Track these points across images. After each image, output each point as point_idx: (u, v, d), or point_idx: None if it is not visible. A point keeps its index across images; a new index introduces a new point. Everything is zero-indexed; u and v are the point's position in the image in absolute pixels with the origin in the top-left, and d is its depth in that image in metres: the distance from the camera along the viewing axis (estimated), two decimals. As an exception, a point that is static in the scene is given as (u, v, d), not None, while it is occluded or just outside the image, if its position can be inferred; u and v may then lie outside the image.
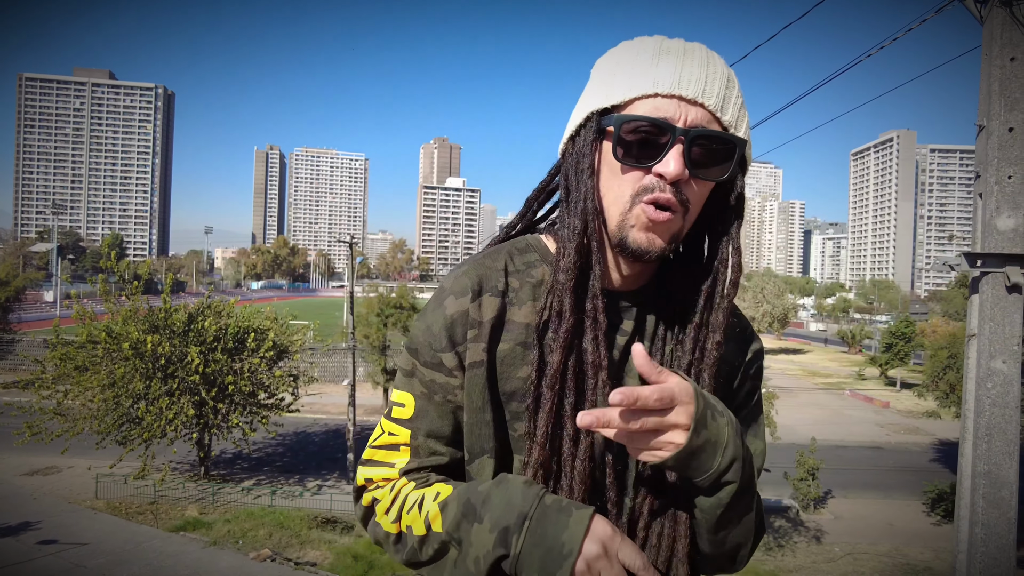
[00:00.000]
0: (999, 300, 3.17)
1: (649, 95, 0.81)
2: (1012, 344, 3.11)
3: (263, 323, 22.64)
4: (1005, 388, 3.10)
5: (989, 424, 3.11)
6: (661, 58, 0.82)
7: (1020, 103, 3.13)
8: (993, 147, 3.17)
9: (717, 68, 0.83)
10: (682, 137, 0.79)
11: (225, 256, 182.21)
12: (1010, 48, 3.12)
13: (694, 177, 0.82)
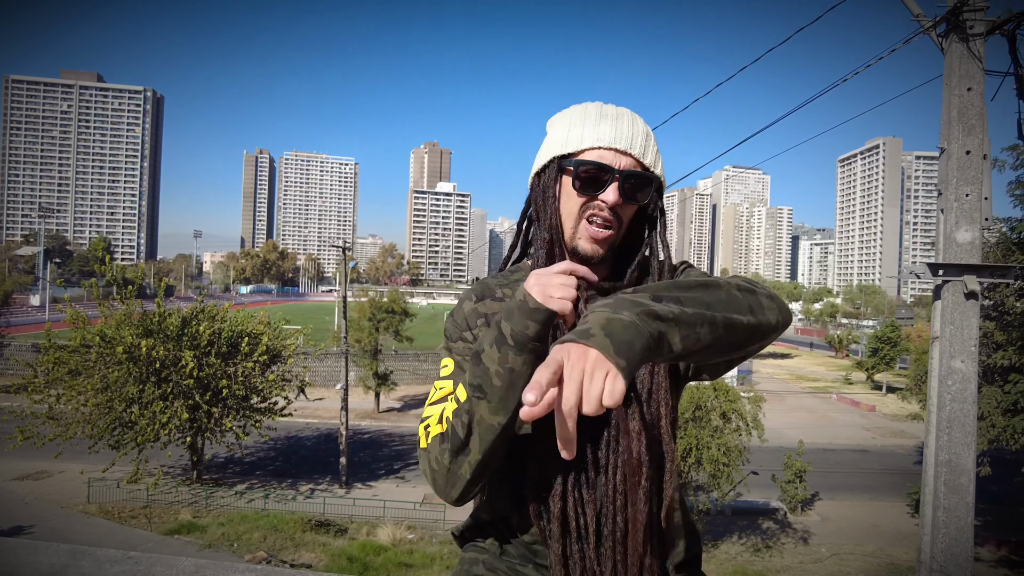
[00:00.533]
0: (958, 306, 3.49)
1: (595, 147, 1.15)
2: (970, 345, 3.43)
3: (256, 327, 22.76)
4: (963, 385, 3.43)
5: (950, 417, 3.43)
6: (602, 120, 1.16)
7: (976, 129, 3.45)
8: (952, 168, 3.50)
9: (639, 128, 1.18)
10: (617, 176, 1.13)
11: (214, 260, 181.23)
12: (967, 79, 3.45)
13: (625, 203, 1.15)
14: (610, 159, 1.13)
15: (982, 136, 3.44)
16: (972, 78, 3.42)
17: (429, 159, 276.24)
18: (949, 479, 3.40)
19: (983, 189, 3.45)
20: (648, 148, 1.17)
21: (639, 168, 1.15)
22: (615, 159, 1.14)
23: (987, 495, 25.04)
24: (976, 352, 3.45)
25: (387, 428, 33.34)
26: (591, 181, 1.13)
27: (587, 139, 1.15)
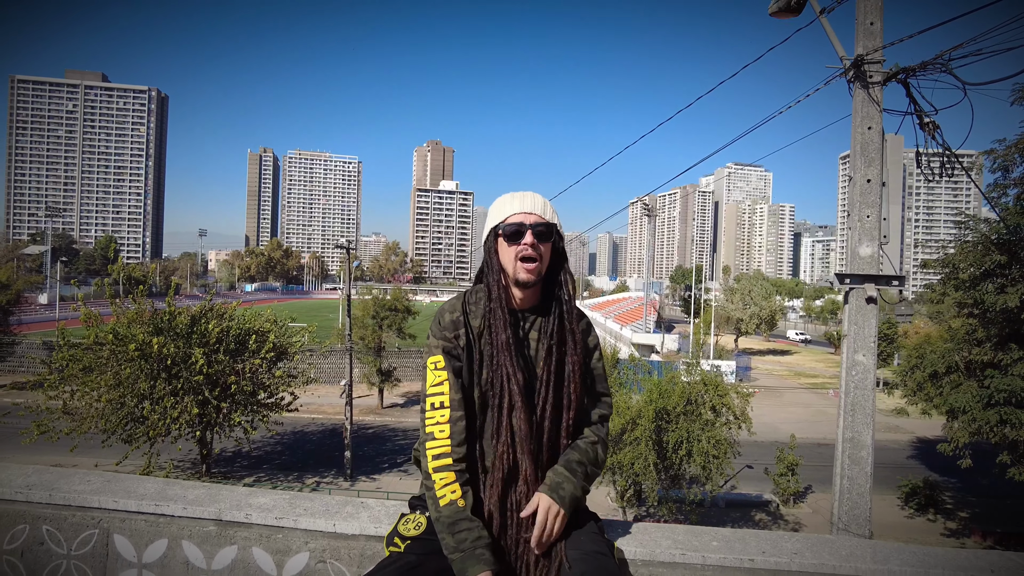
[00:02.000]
0: (860, 309, 4.17)
1: (514, 214, 1.82)
2: (869, 342, 4.11)
3: (264, 325, 23.45)
4: (864, 375, 4.10)
5: (853, 402, 4.11)
6: (514, 200, 1.84)
7: (875, 161, 4.12)
8: (856, 194, 4.18)
9: (539, 201, 1.86)
10: (529, 228, 1.80)
11: (219, 259, 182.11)
12: (868, 119, 4.12)
13: (539, 242, 1.80)
14: (524, 219, 1.82)
15: (880, 167, 4.11)
16: (872, 119, 4.09)
17: (432, 157, 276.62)
18: (852, 453, 4.08)
19: (882, 211, 4.13)
20: (546, 211, 1.86)
21: (543, 223, 1.83)
22: (527, 218, 1.82)
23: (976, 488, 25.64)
24: (875, 347, 4.14)
25: (391, 423, 34.02)
26: (515, 234, 1.81)
27: (508, 211, 1.84)
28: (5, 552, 2.06)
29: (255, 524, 2.00)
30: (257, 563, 1.98)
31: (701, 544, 1.95)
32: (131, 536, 2.03)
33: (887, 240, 4.10)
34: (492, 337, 1.77)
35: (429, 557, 1.67)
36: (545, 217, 1.84)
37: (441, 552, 1.65)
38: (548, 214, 1.86)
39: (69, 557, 2.05)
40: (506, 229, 1.82)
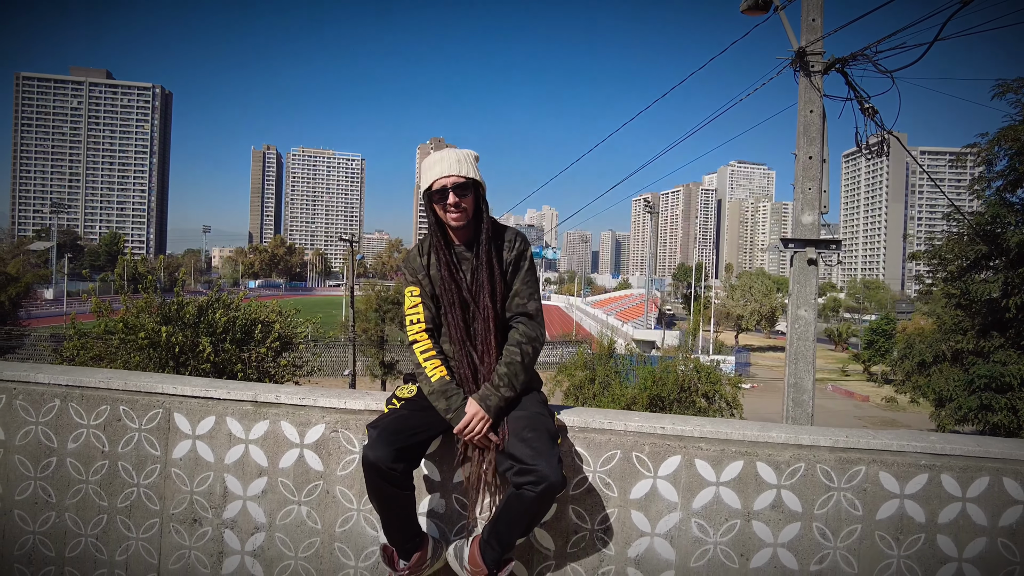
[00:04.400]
0: (803, 270, 4.74)
1: (437, 179, 2.28)
2: (810, 298, 4.67)
3: (269, 316, 24.08)
4: (805, 328, 4.67)
5: (796, 352, 4.68)
6: (435, 164, 2.29)
7: (816, 140, 4.69)
8: (800, 169, 4.74)
9: (454, 157, 2.29)
10: (451, 189, 2.27)
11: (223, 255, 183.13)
12: (810, 104, 4.68)
13: (461, 197, 2.27)
14: (444, 181, 2.27)
15: (821, 145, 4.67)
16: (813, 103, 4.66)
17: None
18: (795, 397, 4.65)
19: (822, 184, 4.69)
20: (461, 167, 2.27)
21: (461, 179, 2.28)
22: (447, 180, 2.27)
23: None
24: (815, 303, 4.70)
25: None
26: (440, 194, 2.29)
27: (432, 177, 2.30)
28: (92, 426, 2.66)
29: (283, 404, 2.59)
30: (284, 433, 2.57)
31: (625, 417, 2.54)
32: (187, 414, 2.63)
33: (827, 210, 4.66)
34: (439, 271, 2.39)
35: (416, 412, 2.31)
36: (462, 174, 2.28)
37: (425, 409, 2.30)
38: (464, 169, 2.28)
39: (140, 430, 2.64)
40: (432, 194, 2.32)
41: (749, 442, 2.47)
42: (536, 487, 2.09)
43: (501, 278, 2.38)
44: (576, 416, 2.53)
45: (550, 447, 2.15)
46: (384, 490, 2.21)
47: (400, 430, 2.22)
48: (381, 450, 2.16)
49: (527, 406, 2.30)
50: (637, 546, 2.46)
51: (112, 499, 2.65)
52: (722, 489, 2.44)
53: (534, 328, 2.36)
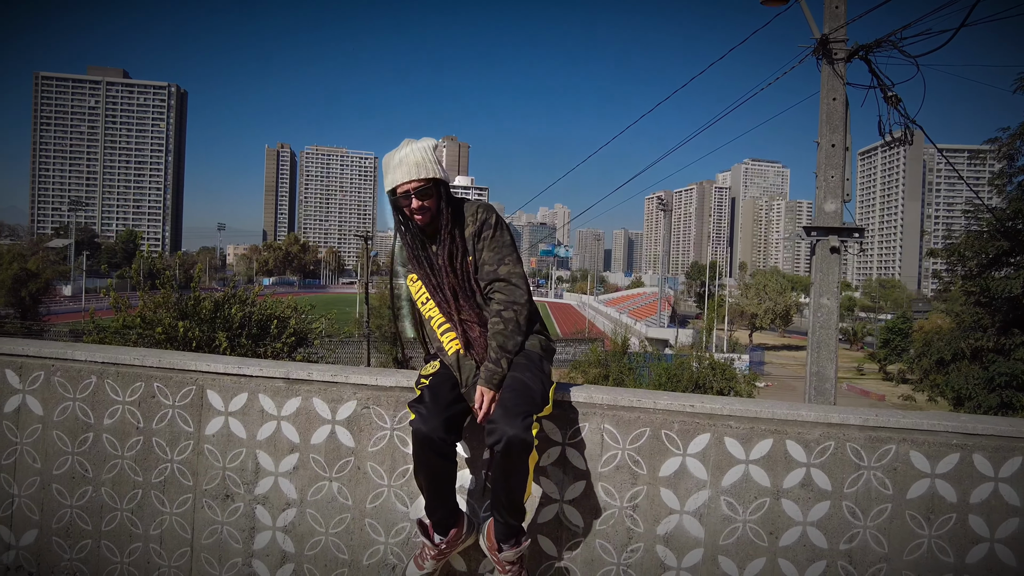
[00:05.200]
0: (825, 258, 4.71)
1: (398, 184, 2.30)
2: (833, 287, 4.65)
3: (284, 312, 24.25)
4: (828, 316, 4.64)
5: (818, 340, 4.65)
6: (395, 168, 2.30)
7: (839, 128, 4.66)
8: (823, 157, 4.72)
9: (412, 159, 2.28)
10: (413, 194, 2.28)
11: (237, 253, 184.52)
12: (832, 91, 4.65)
13: (424, 199, 2.29)
14: (406, 187, 2.28)
15: (844, 133, 4.64)
16: (836, 91, 4.63)
17: (447, 153, 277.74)
18: (818, 385, 4.63)
19: (846, 172, 4.66)
20: (423, 168, 2.27)
21: (422, 183, 2.28)
22: (408, 185, 2.28)
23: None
24: (838, 292, 4.68)
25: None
26: (404, 199, 2.30)
27: (393, 181, 2.31)
28: (127, 403, 2.71)
29: (315, 380, 2.63)
30: (316, 410, 2.60)
31: (654, 396, 2.55)
32: (220, 391, 2.67)
33: (849, 198, 4.64)
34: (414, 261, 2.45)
35: (447, 383, 2.35)
36: (422, 176, 2.28)
37: (447, 378, 2.35)
38: (424, 170, 2.29)
39: (174, 407, 2.69)
40: (394, 202, 2.36)
41: (779, 420, 2.47)
42: (498, 445, 2.09)
43: (463, 256, 2.39)
44: (605, 394, 2.54)
45: (520, 406, 2.14)
46: (434, 463, 2.23)
47: (442, 401, 2.26)
48: (433, 421, 2.19)
49: (521, 367, 2.30)
50: (666, 524, 2.47)
51: (147, 474, 2.70)
52: (751, 467, 2.45)
53: (509, 291, 2.33)
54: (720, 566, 2.46)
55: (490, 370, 2.26)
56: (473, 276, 2.39)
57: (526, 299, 2.35)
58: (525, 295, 2.35)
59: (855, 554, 2.41)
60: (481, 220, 2.39)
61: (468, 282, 2.39)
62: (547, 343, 2.46)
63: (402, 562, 2.56)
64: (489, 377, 2.25)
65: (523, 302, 2.34)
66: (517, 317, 2.32)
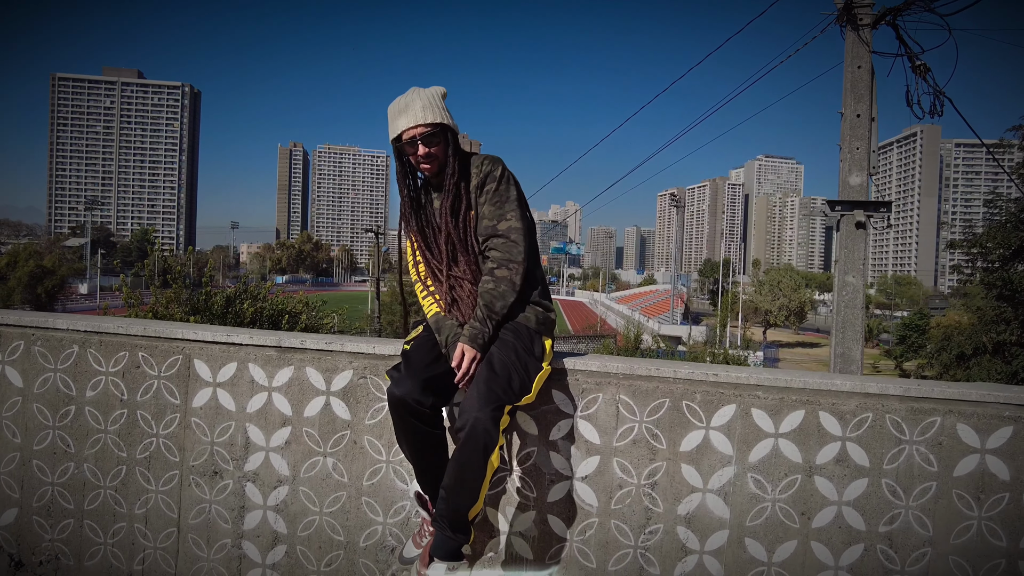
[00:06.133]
0: (850, 234, 4.48)
1: (402, 131, 2.11)
2: (858, 264, 4.41)
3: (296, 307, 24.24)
4: (853, 295, 4.41)
5: (844, 320, 4.43)
6: (400, 113, 2.11)
7: (864, 97, 4.42)
8: (847, 128, 4.48)
9: (419, 103, 2.10)
10: (419, 140, 2.10)
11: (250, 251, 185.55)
12: (858, 59, 4.41)
13: (430, 146, 2.11)
14: (412, 132, 2.09)
15: (869, 103, 4.41)
16: (861, 58, 4.40)
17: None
18: (843, 367, 4.40)
19: (871, 144, 4.43)
20: (427, 113, 2.08)
21: (429, 128, 2.09)
22: (415, 131, 2.09)
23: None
24: (863, 270, 4.45)
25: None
26: (410, 148, 2.13)
27: (398, 129, 2.12)
28: (111, 373, 2.55)
29: (309, 349, 2.45)
30: (310, 380, 2.42)
31: (672, 365, 2.35)
32: (208, 360, 2.49)
33: (876, 171, 4.40)
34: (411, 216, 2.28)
35: (430, 343, 2.17)
36: (428, 120, 2.09)
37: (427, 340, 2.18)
38: (431, 114, 2.10)
39: (159, 377, 2.52)
40: (400, 151, 2.17)
41: (811, 390, 2.26)
42: (459, 432, 1.90)
43: (466, 210, 2.19)
44: (621, 363, 2.35)
45: (493, 392, 1.93)
46: (414, 430, 2.05)
47: (421, 362, 2.08)
48: (407, 384, 2.01)
49: (503, 345, 2.08)
50: (688, 503, 2.27)
51: (131, 450, 2.54)
52: (781, 441, 2.25)
53: (506, 249, 2.11)
54: (747, 549, 2.26)
55: (474, 328, 2.05)
56: (473, 232, 2.20)
57: (523, 258, 2.12)
58: (523, 254, 2.13)
59: (896, 537, 2.20)
60: (485, 172, 2.19)
61: (468, 236, 2.19)
62: (544, 315, 2.23)
63: (401, 543, 2.38)
64: (473, 336, 2.04)
65: (519, 260, 2.12)
66: (512, 276, 2.11)
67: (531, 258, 2.17)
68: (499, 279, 2.10)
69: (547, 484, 2.31)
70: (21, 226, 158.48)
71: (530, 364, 2.08)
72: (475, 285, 2.17)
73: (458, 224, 2.19)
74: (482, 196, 2.19)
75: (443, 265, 2.21)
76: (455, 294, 2.19)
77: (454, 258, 2.22)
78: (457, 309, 2.18)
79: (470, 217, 2.20)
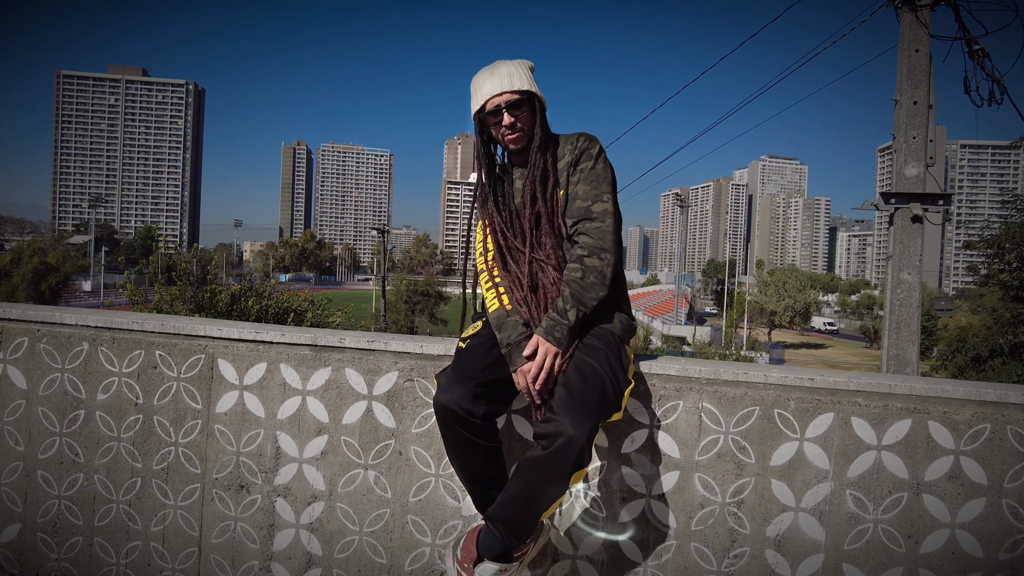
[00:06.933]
0: (906, 228, 4.22)
1: (489, 98, 1.91)
2: (914, 260, 4.16)
3: (301, 305, 24.00)
4: (909, 293, 4.15)
5: (898, 320, 4.16)
6: (485, 81, 1.93)
7: (922, 83, 4.16)
8: (902, 116, 4.22)
9: (505, 70, 1.92)
10: (504, 108, 1.90)
11: (254, 249, 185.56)
12: (915, 42, 4.15)
13: (517, 116, 1.91)
14: (497, 100, 1.91)
15: (927, 89, 4.15)
16: (919, 41, 4.13)
17: (463, 150, 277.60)
18: (897, 370, 4.14)
19: (929, 133, 4.17)
20: (514, 80, 1.91)
21: (516, 95, 1.90)
22: (500, 99, 1.90)
23: None
24: (919, 266, 4.19)
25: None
26: (494, 115, 1.92)
27: (483, 96, 1.93)
28: (124, 375, 2.29)
29: (348, 348, 2.19)
30: (350, 382, 2.16)
31: (761, 369, 2.09)
32: (233, 360, 2.24)
33: (933, 161, 4.14)
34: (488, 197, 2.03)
35: (488, 343, 1.89)
36: (515, 88, 1.91)
37: (486, 340, 1.90)
38: (517, 82, 1.92)
39: (179, 379, 2.26)
40: (485, 116, 1.96)
41: (918, 397, 2.00)
42: (551, 443, 1.63)
43: (554, 186, 1.95)
44: (704, 367, 2.08)
45: (591, 403, 1.68)
46: (465, 444, 1.79)
47: (475, 364, 1.82)
48: (456, 390, 1.76)
49: (593, 351, 1.82)
50: (778, 523, 2.01)
51: (147, 460, 2.28)
52: (884, 454, 1.98)
53: (600, 235, 1.86)
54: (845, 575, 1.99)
55: (553, 320, 1.80)
56: (561, 213, 1.94)
57: (615, 248, 1.88)
58: (615, 243, 1.89)
59: (1019, 565, 1.93)
60: (581, 148, 1.96)
61: (554, 216, 1.93)
62: (628, 322, 1.99)
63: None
64: (550, 328, 1.79)
65: (612, 249, 1.87)
66: (603, 267, 1.85)
67: (619, 252, 1.92)
68: (588, 268, 1.84)
69: (618, 503, 2.05)
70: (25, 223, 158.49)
71: (620, 376, 1.81)
72: (559, 272, 1.91)
73: (547, 200, 1.93)
74: (575, 174, 1.94)
75: (525, 247, 1.94)
76: (539, 279, 1.92)
77: (538, 239, 1.95)
78: (540, 297, 1.90)
79: (558, 195, 1.94)
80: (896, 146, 4.26)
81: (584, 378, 1.72)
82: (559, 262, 1.92)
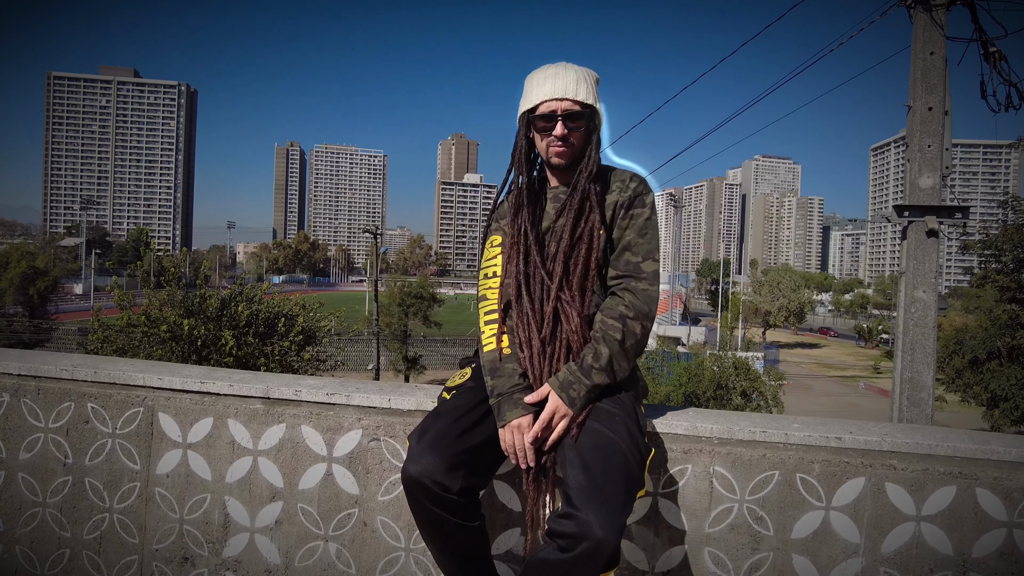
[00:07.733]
0: (920, 243, 3.97)
1: (545, 100, 1.68)
2: (930, 277, 3.91)
3: (292, 309, 23.67)
4: (924, 312, 3.90)
5: (912, 341, 3.91)
6: (546, 81, 1.69)
7: (937, 88, 3.91)
8: (916, 123, 3.97)
9: (572, 77, 1.69)
10: (560, 118, 1.67)
11: (247, 251, 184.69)
12: (930, 44, 3.90)
13: (571, 130, 1.68)
14: (554, 106, 1.67)
15: (943, 94, 3.90)
16: (934, 43, 3.89)
17: (456, 150, 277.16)
18: (911, 394, 3.89)
19: (944, 141, 3.92)
20: (580, 88, 1.68)
21: (576, 106, 1.67)
22: (558, 105, 1.67)
23: None
24: (935, 283, 3.94)
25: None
26: (547, 120, 1.68)
27: (540, 96, 1.69)
28: (51, 431, 2.00)
29: (305, 401, 1.91)
30: (307, 442, 1.88)
31: (781, 425, 1.82)
32: (176, 415, 1.96)
33: (949, 171, 3.89)
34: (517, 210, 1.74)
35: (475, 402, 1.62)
36: (579, 98, 1.68)
37: (475, 394, 1.63)
38: (582, 91, 1.69)
39: (114, 436, 1.98)
40: (536, 119, 1.71)
41: (962, 459, 1.73)
42: (572, 545, 1.32)
43: (600, 221, 1.67)
44: (714, 422, 1.81)
45: (618, 488, 1.38)
46: (436, 523, 1.51)
47: (454, 427, 1.53)
48: (427, 459, 1.47)
49: (609, 417, 1.53)
50: (802, 607, 1.74)
51: (77, 528, 1.99)
52: (924, 526, 1.71)
53: (645, 299, 1.61)
54: (880, 668, 1.72)
55: (573, 376, 1.54)
56: (599, 253, 1.68)
57: (654, 317, 1.63)
58: (655, 312, 1.63)
59: (1082, 656, 1.67)
60: (635, 191, 1.71)
61: (593, 255, 1.66)
62: (644, 386, 1.74)
63: (426, 656, 1.84)
64: (567, 384, 1.53)
65: (652, 318, 1.62)
66: (643, 337, 1.61)
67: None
68: (629, 333, 1.59)
69: (617, 582, 1.78)
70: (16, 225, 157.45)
71: (641, 446, 1.52)
72: (583, 322, 1.63)
73: (585, 236, 1.67)
74: (626, 219, 1.70)
75: (553, 281, 1.66)
76: (561, 325, 1.63)
77: (567, 276, 1.67)
78: (556, 346, 1.62)
79: (599, 233, 1.67)
80: (910, 155, 4.00)
81: (605, 457, 1.43)
82: (582, 308, 1.64)
